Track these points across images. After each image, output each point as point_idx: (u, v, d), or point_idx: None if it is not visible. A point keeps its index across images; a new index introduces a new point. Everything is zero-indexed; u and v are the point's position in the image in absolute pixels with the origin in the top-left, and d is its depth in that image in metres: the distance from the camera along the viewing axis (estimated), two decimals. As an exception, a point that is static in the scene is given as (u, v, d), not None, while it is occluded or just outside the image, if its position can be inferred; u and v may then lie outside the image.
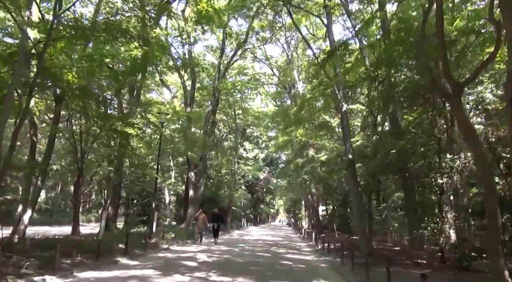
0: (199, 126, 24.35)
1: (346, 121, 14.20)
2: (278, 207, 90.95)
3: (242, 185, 48.12)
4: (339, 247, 16.63)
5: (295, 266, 11.06)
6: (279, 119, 34.01)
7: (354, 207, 13.68)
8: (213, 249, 15.19)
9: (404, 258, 13.55)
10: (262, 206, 64.98)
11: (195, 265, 10.16)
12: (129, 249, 12.07)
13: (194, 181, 23.96)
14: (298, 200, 54.01)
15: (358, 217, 13.55)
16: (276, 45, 46.83)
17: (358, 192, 13.98)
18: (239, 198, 46.02)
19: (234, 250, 15.12)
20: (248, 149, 52.85)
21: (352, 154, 13.85)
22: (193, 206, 23.49)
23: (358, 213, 13.58)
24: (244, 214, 51.08)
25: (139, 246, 13.07)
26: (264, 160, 57.72)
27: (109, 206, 19.27)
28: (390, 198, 28.93)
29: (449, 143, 13.95)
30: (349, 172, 13.86)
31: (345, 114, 14.15)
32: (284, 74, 35.75)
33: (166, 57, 20.21)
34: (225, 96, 32.60)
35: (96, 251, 9.58)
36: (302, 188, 41.00)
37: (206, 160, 24.45)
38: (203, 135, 23.29)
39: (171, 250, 14.33)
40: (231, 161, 36.74)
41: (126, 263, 10.09)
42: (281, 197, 72.01)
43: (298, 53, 35.14)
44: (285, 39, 33.19)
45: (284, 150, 39.83)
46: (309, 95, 16.68)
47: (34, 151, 18.66)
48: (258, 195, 55.93)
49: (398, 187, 23.45)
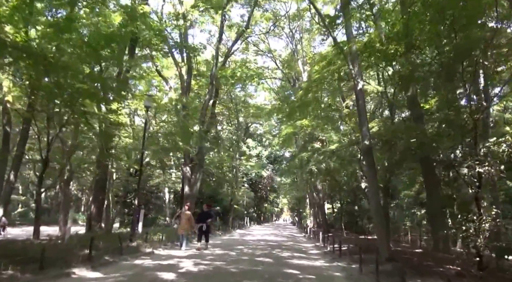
0: (196, 117, 21.77)
1: (362, 101, 11.57)
2: (282, 206, 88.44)
3: (245, 183, 45.54)
4: (352, 249, 14.04)
5: (303, 277, 8.45)
6: (282, 114, 31.47)
7: (372, 203, 11.06)
8: (205, 253, 12.61)
9: (433, 264, 10.92)
10: (265, 204, 62.36)
11: (172, 278, 7.59)
12: (98, 255, 9.57)
13: (190, 177, 21.42)
14: (303, 198, 51.40)
15: (377, 215, 10.92)
16: (279, 39, 44.44)
17: (377, 184, 11.34)
18: (242, 197, 43.43)
19: (230, 254, 12.53)
20: (251, 147, 50.29)
21: (369, 139, 11.23)
22: (190, 203, 20.92)
23: (377, 210, 10.95)
24: (247, 213, 48.49)
25: (112, 250, 10.55)
26: (267, 157, 55.10)
27: (91, 204, 16.83)
28: (399, 194, 26.32)
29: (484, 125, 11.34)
30: (366, 161, 11.25)
31: (361, 93, 11.53)
32: (288, 66, 33.19)
33: (158, 38, 17.78)
34: (225, 87, 30.18)
35: (41, 261, 7.03)
36: (307, 184, 38.39)
37: (203, 154, 21.92)
38: (199, 126, 20.71)
39: (155, 255, 11.76)
40: (233, 157, 34.12)
41: (82, 275, 7.51)
42: (285, 195, 69.38)
43: (303, 45, 32.63)
44: (289, 28, 30.68)
45: (288, 146, 37.22)
46: (317, 75, 14.09)
47: (8, 142, 16.31)
48: (261, 194, 53.30)
49: (412, 181, 20.91)
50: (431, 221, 14.40)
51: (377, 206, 11.05)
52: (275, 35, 35.43)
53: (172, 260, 10.49)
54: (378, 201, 11.18)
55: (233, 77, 21.14)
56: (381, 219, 11.13)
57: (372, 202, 11.08)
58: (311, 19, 26.71)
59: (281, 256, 12.79)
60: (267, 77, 34.64)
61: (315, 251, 15.70)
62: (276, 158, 55.21)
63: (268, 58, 34.93)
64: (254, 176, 48.24)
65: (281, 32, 34.48)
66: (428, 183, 13.94)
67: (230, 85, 24.65)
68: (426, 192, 14.25)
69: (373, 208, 11.04)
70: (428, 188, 14.05)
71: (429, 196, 14.05)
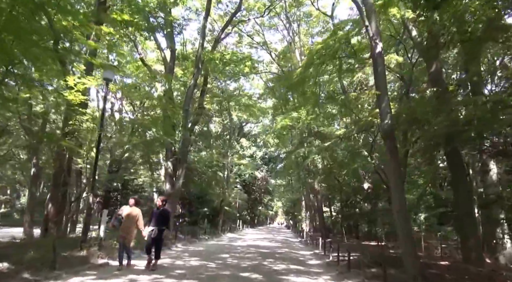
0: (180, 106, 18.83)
1: (382, 67, 8.69)
2: (277, 209, 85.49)
3: (237, 184, 42.49)
4: (359, 258, 11.12)
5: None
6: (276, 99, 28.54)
7: (395, 202, 8.15)
8: (177, 265, 9.62)
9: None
10: (260, 207, 59.26)
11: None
12: (15, 271, 6.59)
13: (171, 173, 18.43)
14: (298, 201, 48.53)
15: (400, 218, 8.01)
16: (275, 32, 41.73)
17: (401, 177, 8.46)
18: (234, 198, 40.34)
19: (209, 267, 9.54)
20: (245, 147, 47.34)
21: (391, 118, 8.35)
22: (169, 203, 17.91)
23: (400, 211, 8.05)
24: (240, 216, 45.34)
25: (43, 264, 7.53)
26: (262, 158, 52.13)
27: (48, 203, 13.76)
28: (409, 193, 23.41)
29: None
30: (387, 146, 8.35)
31: (380, 57, 8.66)
32: (284, 58, 30.35)
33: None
34: (216, 80, 27.29)
35: None
36: (303, 186, 35.47)
37: (187, 147, 18.90)
38: (183, 115, 17.76)
39: (107, 267, 8.70)
40: (224, 155, 31.08)
41: None
42: (279, 198, 66.42)
43: (301, 37, 29.92)
44: (285, 15, 27.82)
45: (283, 142, 34.27)
46: (320, 45, 11.24)
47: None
48: (255, 196, 50.19)
49: (428, 178, 18.07)
50: (458, 226, 11.53)
51: (401, 205, 8.14)
52: (271, 27, 32.72)
53: (126, 277, 7.50)
54: (403, 200, 8.28)
55: (222, 60, 18.20)
56: (407, 223, 8.22)
57: (395, 200, 8.17)
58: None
59: (273, 269, 9.82)
60: (262, 71, 31.98)
61: (315, 261, 12.73)
62: (271, 158, 52.28)
63: (263, 51, 32.08)
64: (248, 177, 45.18)
65: (277, 23, 31.81)
66: (455, 178, 11.08)
67: (219, 72, 21.65)
68: (453, 189, 11.38)
69: (396, 208, 8.12)
70: (454, 184, 11.18)
71: (456, 194, 11.18)
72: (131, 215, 8.32)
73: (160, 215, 8.78)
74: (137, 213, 8.41)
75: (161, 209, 8.93)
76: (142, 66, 21.78)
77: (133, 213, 8.37)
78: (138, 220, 8.37)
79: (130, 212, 8.35)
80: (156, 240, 8.63)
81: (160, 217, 8.75)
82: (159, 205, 9.01)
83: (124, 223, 8.29)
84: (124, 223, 8.30)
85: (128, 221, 8.29)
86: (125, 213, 8.35)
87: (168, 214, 9.13)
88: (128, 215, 8.31)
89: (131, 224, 8.31)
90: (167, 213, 9.10)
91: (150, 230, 8.60)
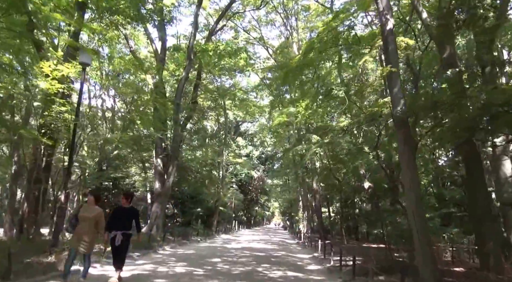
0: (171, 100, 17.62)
1: (394, 45, 7.52)
2: (273, 210, 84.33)
3: (233, 184, 41.24)
4: (364, 263, 9.96)
5: None
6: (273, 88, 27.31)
7: (411, 201, 7.00)
8: (159, 273, 8.42)
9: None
10: (256, 208, 58.03)
11: None
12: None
13: (161, 170, 17.20)
14: (295, 201, 47.34)
15: (419, 220, 6.85)
16: (272, 28, 40.42)
17: (416, 169, 7.31)
18: (230, 198, 39.11)
19: (195, 275, 8.32)
20: (242, 146, 46.18)
21: (404, 105, 7.18)
22: (158, 203, 16.71)
23: (417, 211, 6.90)
24: (236, 216, 44.12)
25: None
26: (258, 158, 50.95)
27: (24, 202, 12.51)
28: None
29: None
30: (400, 137, 7.19)
31: (391, 36, 7.50)
32: (281, 53, 29.20)
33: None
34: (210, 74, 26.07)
35: None
36: (300, 186, 34.33)
37: (178, 143, 17.67)
38: (174, 108, 16.56)
39: (78, 275, 7.52)
40: (219, 153, 29.81)
41: None
42: (276, 199, 65.19)
43: (299, 32, 28.85)
44: (283, 8, 26.67)
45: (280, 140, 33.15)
46: (322, 27, 10.08)
47: None
48: (251, 196, 48.95)
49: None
50: (476, 228, 10.37)
51: (418, 205, 6.98)
52: (268, 23, 31.69)
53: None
54: (419, 199, 7.12)
55: (215, 51, 16.98)
56: (425, 225, 7.06)
57: (410, 198, 7.00)
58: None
59: (268, 277, 8.62)
60: (258, 68, 30.84)
61: (314, 266, 11.52)
62: (268, 158, 51.13)
63: (260, 49, 31.13)
64: (244, 177, 43.96)
65: (275, 19, 30.73)
66: (471, 174, 9.92)
67: (213, 66, 20.45)
68: (468, 187, 10.25)
69: (412, 208, 6.96)
70: (470, 181, 10.02)
71: (472, 193, 10.03)
72: (88, 216, 6.28)
73: (125, 216, 6.78)
74: (96, 213, 6.36)
75: (127, 207, 6.90)
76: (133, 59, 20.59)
77: (92, 214, 6.31)
78: (99, 222, 6.35)
79: (88, 213, 6.33)
80: (120, 249, 6.57)
81: (125, 218, 6.74)
82: (123, 203, 6.93)
83: (80, 226, 6.27)
84: (80, 227, 6.26)
85: (84, 224, 6.26)
86: (81, 213, 6.35)
87: (135, 214, 7.06)
88: (84, 217, 6.29)
89: (88, 228, 6.24)
90: (134, 212, 7.05)
91: (112, 236, 6.53)
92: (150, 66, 19.43)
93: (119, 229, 6.56)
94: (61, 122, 11.74)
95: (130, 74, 22.71)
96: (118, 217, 6.72)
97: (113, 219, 6.72)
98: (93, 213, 6.33)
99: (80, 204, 7.15)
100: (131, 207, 7.05)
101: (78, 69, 10.81)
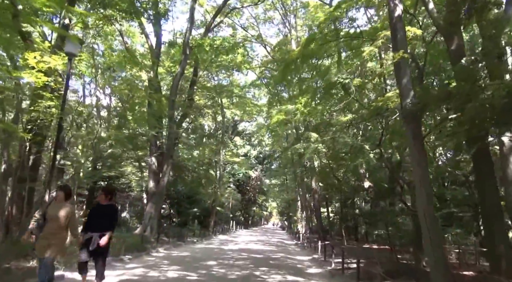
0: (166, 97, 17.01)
1: (403, 32, 6.95)
2: (271, 210, 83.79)
3: (231, 183, 40.64)
4: (368, 266, 9.38)
5: None
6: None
7: (422, 200, 6.43)
8: (150, 277, 7.81)
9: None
10: (254, 208, 57.42)
11: None
12: None
13: (156, 169, 16.58)
14: (293, 201, 46.80)
15: (430, 220, 6.27)
16: (271, 27, 39.96)
17: (427, 166, 6.75)
18: (228, 198, 38.50)
19: (188, 278, 7.73)
20: (239, 145, 45.59)
21: (413, 97, 6.62)
22: (153, 203, 16.07)
23: (429, 211, 6.33)
24: (233, 216, 43.48)
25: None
26: (256, 157, 50.37)
27: (9, 203, 11.87)
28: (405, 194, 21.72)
29: None
30: (410, 131, 6.61)
31: (400, 22, 6.93)
32: (279, 50, 28.62)
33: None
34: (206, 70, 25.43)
35: None
36: (299, 186, 33.79)
37: (173, 141, 17.01)
38: (169, 104, 15.94)
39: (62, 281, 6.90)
40: (216, 152, 29.18)
41: None
42: (274, 198, 64.59)
43: (297, 28, 28.33)
44: (281, 5, 26.12)
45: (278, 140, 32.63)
46: (324, 17, 9.50)
47: None
48: (249, 196, 48.34)
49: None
50: (485, 229, 9.82)
51: (430, 205, 6.41)
52: (266, 20, 31.16)
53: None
54: (431, 197, 6.56)
55: (212, 46, 16.37)
56: (436, 226, 6.49)
57: (421, 197, 6.42)
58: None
59: (267, 281, 8.04)
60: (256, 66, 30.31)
61: (315, 269, 10.93)
62: (266, 157, 50.55)
63: (257, 47, 30.55)
64: (242, 177, 43.35)
65: (273, 16, 30.20)
66: (481, 172, 9.37)
67: (210, 62, 19.83)
68: (478, 186, 9.68)
69: (423, 208, 6.38)
70: (479, 179, 9.46)
71: (482, 192, 9.46)
72: (58, 215, 5.11)
73: (103, 214, 5.66)
74: (68, 211, 5.19)
75: (106, 204, 5.84)
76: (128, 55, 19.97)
77: (62, 212, 5.14)
78: (70, 221, 5.21)
79: (57, 211, 5.15)
80: (97, 253, 5.50)
81: (103, 217, 5.63)
82: (102, 199, 5.91)
83: (47, 227, 5.10)
84: (48, 228, 5.09)
85: (53, 224, 5.08)
86: (50, 212, 5.19)
87: (113, 212, 5.92)
88: (53, 216, 5.12)
89: (57, 229, 5.09)
90: (112, 210, 5.90)
91: (86, 238, 5.50)
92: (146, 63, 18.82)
93: (96, 230, 5.51)
94: (48, 117, 11.13)
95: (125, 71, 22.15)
96: (95, 216, 5.70)
97: (90, 219, 5.75)
98: (64, 211, 5.16)
99: (49, 201, 6.05)
100: (111, 204, 5.95)
101: (65, 61, 10.18)
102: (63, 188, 5.49)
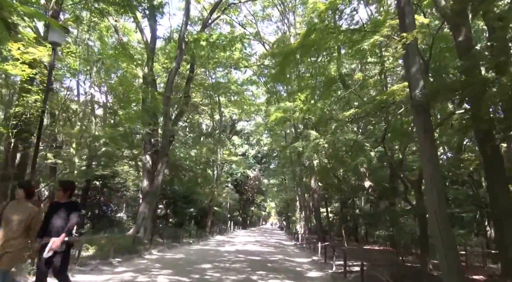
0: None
1: (411, 18, 6.39)
2: (270, 210, 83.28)
3: (229, 183, 40.04)
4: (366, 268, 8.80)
5: None
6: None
7: (432, 198, 5.88)
8: None
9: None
10: (252, 208, 56.83)
11: None
12: None
13: (150, 168, 15.99)
14: (292, 201, 46.25)
15: (442, 221, 5.72)
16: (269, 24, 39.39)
17: (438, 162, 6.22)
18: (225, 198, 37.90)
19: None
20: (237, 145, 45.01)
21: (423, 88, 6.06)
22: (146, 203, 15.47)
23: (441, 211, 5.78)
24: (231, 217, 42.88)
25: None
26: (254, 157, 49.77)
27: None
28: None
29: None
30: (419, 124, 6.06)
31: (408, 5, 6.37)
32: (277, 47, 28.07)
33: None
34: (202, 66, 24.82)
35: None
36: (297, 186, 33.24)
37: (168, 138, 16.40)
38: (163, 100, 15.36)
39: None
40: (213, 150, 28.57)
41: None
42: (272, 199, 64.04)
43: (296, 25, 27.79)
44: (280, 2, 25.57)
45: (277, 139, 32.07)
46: (325, 6, 8.94)
47: None
48: (247, 196, 47.72)
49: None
50: (496, 230, 9.29)
51: (441, 204, 5.85)
52: (264, 18, 30.60)
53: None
54: (442, 196, 5.99)
55: (208, 41, 15.78)
56: (448, 227, 5.92)
57: (431, 196, 5.87)
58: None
59: (265, 287, 7.48)
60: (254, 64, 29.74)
61: (315, 273, 10.34)
62: (264, 157, 49.98)
63: (255, 42, 29.90)
64: (240, 176, 42.75)
65: (271, 14, 29.67)
66: (490, 168, 8.82)
67: (206, 57, 19.24)
68: (488, 183, 9.13)
69: (433, 207, 5.83)
70: (489, 175, 8.91)
71: (491, 189, 8.91)
72: (16, 217, 4.32)
73: (60, 215, 4.57)
74: (29, 212, 4.43)
75: (64, 202, 4.72)
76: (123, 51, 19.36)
77: (22, 213, 4.37)
78: (32, 225, 4.44)
79: (15, 212, 4.37)
80: (50, 263, 4.42)
81: (61, 217, 4.55)
82: (59, 196, 4.79)
83: (2, 232, 4.27)
84: (4, 232, 4.27)
85: (10, 227, 4.29)
86: (6, 213, 4.37)
87: (75, 210, 4.64)
88: (9, 217, 4.33)
89: (16, 234, 4.29)
90: (72, 208, 4.66)
91: (42, 243, 4.39)
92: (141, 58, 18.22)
93: (51, 235, 4.43)
94: (34, 112, 10.54)
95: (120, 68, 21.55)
96: (52, 217, 4.59)
97: (46, 221, 4.59)
98: (24, 213, 4.38)
99: (6, 201, 4.94)
100: (71, 202, 4.82)
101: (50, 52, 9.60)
102: (23, 185, 4.64)
